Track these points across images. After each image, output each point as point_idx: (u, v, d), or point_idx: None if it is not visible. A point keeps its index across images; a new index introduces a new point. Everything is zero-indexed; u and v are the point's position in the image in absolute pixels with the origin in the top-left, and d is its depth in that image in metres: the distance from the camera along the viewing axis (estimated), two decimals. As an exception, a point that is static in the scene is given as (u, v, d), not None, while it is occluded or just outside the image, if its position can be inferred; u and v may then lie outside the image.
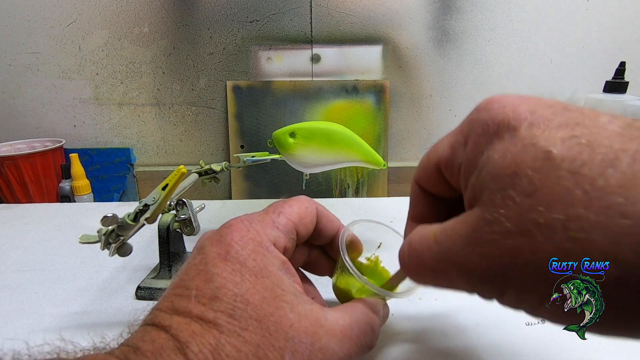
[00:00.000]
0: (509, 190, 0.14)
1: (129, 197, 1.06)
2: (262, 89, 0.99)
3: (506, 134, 0.15)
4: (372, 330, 0.22)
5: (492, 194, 0.15)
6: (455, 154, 0.18)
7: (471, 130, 0.17)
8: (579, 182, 0.13)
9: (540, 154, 0.14)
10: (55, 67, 0.98)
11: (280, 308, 0.19)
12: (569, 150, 0.13)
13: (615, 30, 0.99)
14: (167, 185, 0.29)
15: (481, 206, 0.15)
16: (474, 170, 0.16)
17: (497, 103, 0.16)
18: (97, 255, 0.42)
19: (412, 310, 0.32)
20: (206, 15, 0.96)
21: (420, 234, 0.18)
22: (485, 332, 0.30)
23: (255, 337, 0.18)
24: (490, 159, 0.15)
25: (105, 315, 0.32)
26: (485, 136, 0.16)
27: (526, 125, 0.15)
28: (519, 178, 0.14)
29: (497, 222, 0.14)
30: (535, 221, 0.13)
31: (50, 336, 0.30)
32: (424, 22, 0.97)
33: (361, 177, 1.02)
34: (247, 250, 0.20)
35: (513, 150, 0.14)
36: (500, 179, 0.14)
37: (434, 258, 0.17)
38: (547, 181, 0.13)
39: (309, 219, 0.25)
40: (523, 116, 0.15)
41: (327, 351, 0.19)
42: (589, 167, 0.13)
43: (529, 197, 0.14)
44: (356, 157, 0.41)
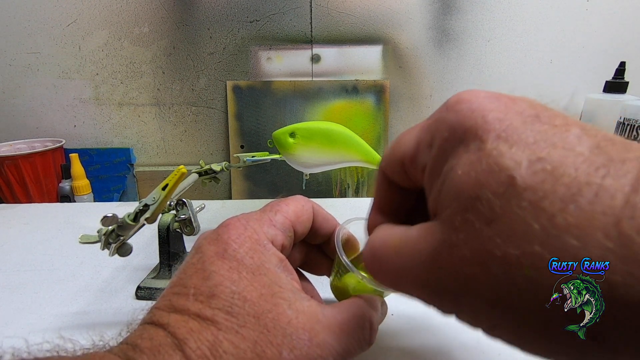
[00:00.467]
0: (470, 214, 0.14)
1: (129, 197, 1.06)
2: (262, 89, 0.99)
3: (472, 144, 0.14)
4: (371, 325, 0.22)
5: (453, 215, 0.14)
6: (420, 153, 0.17)
7: (437, 131, 0.16)
8: (539, 216, 0.12)
9: (504, 178, 0.13)
10: (55, 67, 0.98)
11: (278, 305, 0.19)
12: (533, 178, 0.13)
13: (615, 30, 0.99)
14: (167, 185, 0.29)
15: (442, 225, 0.15)
16: (437, 177, 0.16)
17: (466, 104, 0.16)
18: (97, 255, 0.42)
19: (412, 310, 0.32)
20: (206, 15, 0.96)
21: (382, 239, 0.18)
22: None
23: (252, 334, 0.18)
24: (453, 172, 0.15)
25: (105, 315, 0.32)
26: (451, 142, 0.15)
27: (493, 138, 0.14)
28: (481, 202, 0.13)
29: (456, 247, 0.14)
30: (491, 253, 0.13)
31: (50, 335, 0.30)
32: (424, 22, 0.97)
33: (361, 177, 1.02)
34: (245, 248, 0.20)
35: (477, 168, 0.14)
36: (462, 200, 0.14)
37: (394, 271, 0.17)
38: (508, 210, 0.13)
39: (306, 217, 0.25)
40: (491, 126, 0.14)
41: (325, 347, 0.19)
42: (550, 201, 0.12)
43: (488, 226, 0.13)
44: (356, 157, 0.41)
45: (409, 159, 0.18)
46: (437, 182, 0.16)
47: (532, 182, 0.13)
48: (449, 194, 0.15)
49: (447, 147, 0.15)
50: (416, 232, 0.16)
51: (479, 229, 0.13)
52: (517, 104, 0.15)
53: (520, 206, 0.13)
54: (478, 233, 0.13)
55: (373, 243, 0.18)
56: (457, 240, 0.14)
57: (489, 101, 0.15)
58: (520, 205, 0.13)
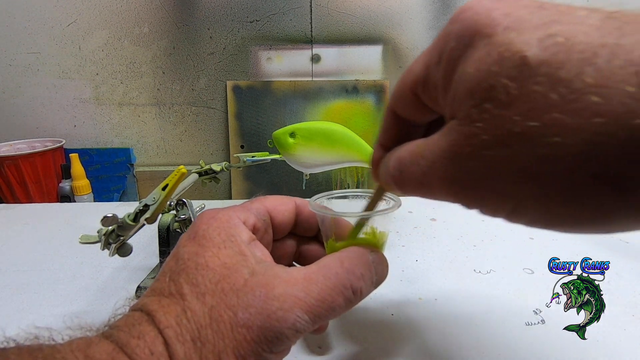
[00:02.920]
0: (485, 104, 0.14)
1: (129, 197, 1.06)
2: (262, 89, 0.99)
3: (480, 42, 0.14)
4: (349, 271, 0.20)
5: (469, 109, 0.14)
6: (430, 73, 0.17)
7: (445, 45, 0.16)
8: (556, 86, 0.12)
9: (516, 60, 0.13)
10: (55, 67, 0.98)
11: (238, 270, 0.20)
12: (546, 52, 0.13)
13: (615, 30, 0.99)
14: (167, 185, 0.29)
15: (460, 121, 0.15)
16: (449, 87, 0.16)
17: (469, 11, 0.15)
18: (97, 255, 0.42)
19: (412, 310, 0.32)
20: (206, 15, 0.96)
21: (408, 150, 0.18)
22: (484, 332, 0.30)
23: (211, 300, 0.19)
24: (464, 73, 0.15)
25: (106, 315, 0.32)
26: (459, 49, 0.15)
27: (501, 30, 0.14)
28: (495, 90, 0.14)
29: (475, 136, 0.14)
30: (510, 131, 0.13)
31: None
32: (424, 22, 0.97)
33: (361, 177, 1.02)
34: (214, 228, 0.21)
35: (488, 60, 0.14)
36: (477, 94, 0.14)
37: (421, 172, 0.17)
38: (524, 89, 0.13)
39: (284, 207, 0.25)
40: (498, 21, 0.14)
41: (285, 298, 0.18)
42: (566, 69, 0.12)
43: (506, 109, 0.13)
44: (356, 157, 0.41)
45: (421, 83, 0.18)
46: (449, 93, 0.16)
47: (545, 56, 0.13)
48: (462, 95, 0.15)
49: (455, 55, 0.15)
50: (437, 135, 0.17)
51: (496, 114, 0.14)
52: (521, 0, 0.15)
53: (536, 82, 0.13)
54: (496, 118, 0.14)
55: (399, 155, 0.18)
56: (476, 130, 0.14)
57: (492, 2, 0.15)
58: (536, 81, 0.13)
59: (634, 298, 0.33)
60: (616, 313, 0.31)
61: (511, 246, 0.42)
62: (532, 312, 0.31)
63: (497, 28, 0.14)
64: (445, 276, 0.37)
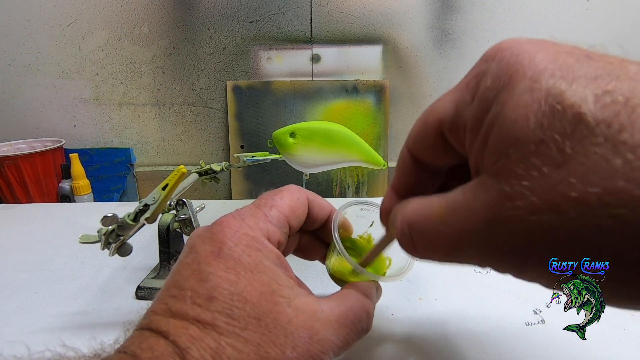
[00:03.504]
0: (534, 159, 0.12)
1: (129, 197, 1.06)
2: (262, 89, 0.99)
3: (521, 85, 0.13)
4: (367, 314, 0.22)
5: (511, 163, 0.13)
6: (460, 112, 0.16)
7: (478, 84, 0.15)
8: (618, 149, 0.11)
9: (570, 116, 0.12)
10: (55, 67, 0.98)
11: (278, 304, 0.19)
12: (604, 111, 0.12)
13: (615, 30, 0.99)
14: (167, 185, 0.29)
15: (497, 176, 0.13)
16: (479, 129, 0.14)
17: (507, 52, 0.14)
18: (97, 255, 0.42)
19: (412, 311, 0.32)
20: (206, 15, 0.96)
21: (420, 213, 0.16)
22: (485, 332, 0.30)
23: (255, 336, 0.18)
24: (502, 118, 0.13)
25: (105, 315, 0.32)
26: (495, 89, 0.14)
27: (548, 76, 0.13)
28: (547, 145, 0.12)
29: (521, 196, 0.13)
30: (566, 195, 0.12)
31: (50, 336, 0.30)
32: (424, 22, 0.97)
33: (361, 177, 1.02)
34: (241, 246, 0.20)
35: (534, 109, 0.12)
36: (522, 146, 0.13)
37: (446, 241, 0.15)
38: (581, 149, 0.12)
39: (301, 210, 0.25)
40: (542, 65, 0.13)
41: (325, 342, 0.19)
42: (630, 132, 0.11)
43: (559, 168, 0.12)
44: (356, 157, 0.41)
45: (448, 123, 0.16)
46: (480, 135, 0.14)
47: (604, 116, 0.12)
48: (501, 142, 0.13)
49: (489, 95, 0.14)
50: (461, 194, 0.15)
51: (547, 173, 0.12)
52: (563, 46, 0.14)
53: (595, 143, 0.12)
54: (547, 178, 0.12)
55: (408, 218, 0.17)
56: (520, 189, 0.13)
57: (532, 45, 0.14)
58: (594, 142, 0.12)
59: (634, 298, 0.33)
60: (616, 313, 0.30)
61: (511, 246, 0.42)
62: (532, 312, 0.31)
63: (543, 73, 0.13)
64: (445, 276, 0.37)
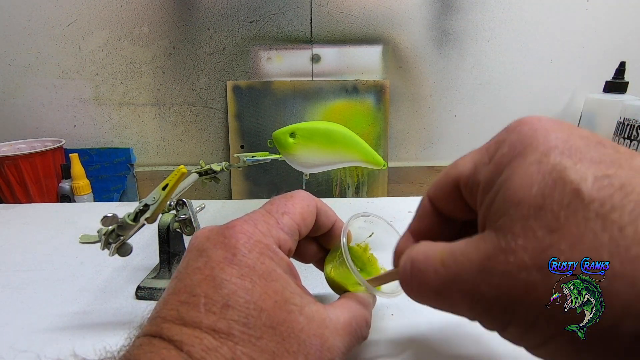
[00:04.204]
0: (531, 222, 0.14)
1: (129, 197, 1.06)
2: (262, 89, 0.99)
3: (532, 156, 0.14)
4: (366, 323, 0.24)
5: (511, 222, 0.14)
6: (477, 172, 0.17)
7: (497, 150, 0.16)
8: (607, 227, 0.12)
9: (568, 191, 0.13)
10: (55, 67, 0.98)
11: (291, 312, 0.19)
12: (600, 191, 0.13)
13: (615, 30, 0.99)
14: (167, 185, 0.29)
15: (497, 232, 0.15)
16: (490, 189, 0.16)
17: (527, 125, 0.16)
18: (97, 255, 0.42)
19: (411, 311, 0.32)
20: (206, 15, 0.96)
21: (424, 253, 0.18)
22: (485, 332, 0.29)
23: (270, 345, 0.18)
24: (511, 181, 0.15)
25: (105, 315, 0.32)
26: (509, 155, 0.15)
27: (557, 153, 0.14)
28: (544, 212, 0.13)
29: (514, 253, 0.14)
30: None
31: (50, 336, 0.30)
32: (424, 22, 0.97)
33: (361, 177, 1.02)
34: (255, 254, 0.20)
35: (539, 179, 0.14)
36: (523, 208, 0.14)
37: (440, 281, 0.16)
38: (574, 220, 0.13)
39: (310, 219, 0.25)
40: (554, 143, 0.14)
41: (333, 349, 0.20)
42: (619, 214, 0.12)
43: (551, 233, 0.13)
44: (356, 157, 0.41)
45: (464, 180, 0.18)
46: (490, 194, 0.16)
47: (600, 196, 0.13)
48: (506, 202, 0.14)
49: (504, 160, 0.16)
50: (464, 243, 0.16)
51: (540, 236, 0.13)
52: (580, 130, 0.15)
53: (586, 217, 0.13)
54: (540, 240, 0.13)
55: (414, 256, 0.18)
56: (515, 246, 0.14)
57: (551, 124, 0.16)
58: (586, 216, 0.13)
59: (634, 298, 0.33)
60: (616, 313, 0.30)
61: (511, 246, 0.42)
62: (532, 312, 0.31)
63: (553, 150, 0.14)
64: (445, 276, 0.37)
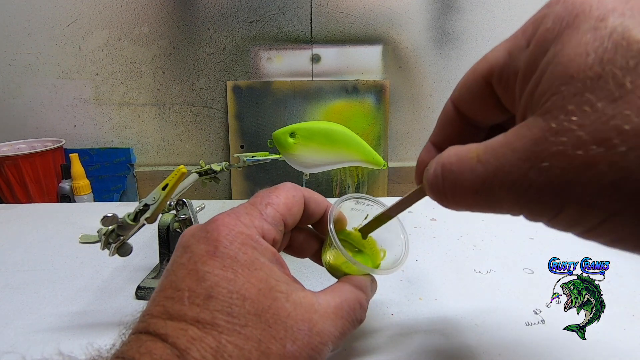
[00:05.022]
0: (588, 95, 0.12)
1: (129, 197, 1.06)
2: (262, 89, 0.99)
3: (585, 24, 0.13)
4: (361, 306, 0.23)
5: (563, 100, 0.12)
6: (514, 59, 0.15)
7: (538, 27, 0.14)
8: None
9: (635, 52, 0.12)
10: (55, 67, 0.98)
11: (277, 299, 0.19)
12: None
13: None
14: (167, 185, 0.29)
15: (545, 115, 0.13)
16: (532, 73, 0.14)
17: None
18: (97, 255, 0.42)
19: (412, 311, 0.32)
20: (206, 15, 0.96)
21: (456, 155, 0.16)
22: (485, 332, 0.29)
23: (256, 332, 0.18)
24: (560, 56, 0.13)
25: (105, 315, 0.32)
26: (555, 30, 0.13)
27: (617, 15, 0.12)
28: (604, 81, 0.12)
29: (568, 132, 0.12)
30: (618, 128, 0.11)
31: (50, 336, 0.30)
32: (424, 22, 0.97)
33: (361, 177, 1.02)
34: (236, 244, 0.20)
35: (596, 46, 0.12)
36: (577, 82, 0.12)
37: (478, 179, 0.15)
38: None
39: (296, 208, 0.24)
40: (611, 6, 0.13)
41: (323, 334, 0.20)
42: None
43: (614, 103, 0.12)
44: (356, 157, 0.41)
45: (498, 71, 0.16)
46: (533, 79, 0.14)
47: None
48: (555, 81, 0.13)
49: (549, 36, 0.13)
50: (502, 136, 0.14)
51: (601, 108, 0.12)
52: None
53: None
54: (599, 113, 0.12)
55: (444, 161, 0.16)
56: (568, 124, 0.12)
57: None
58: None
59: (634, 298, 0.33)
60: (616, 313, 0.31)
61: (511, 246, 0.42)
62: (532, 312, 0.31)
63: (612, 13, 0.13)
64: (445, 276, 0.37)
